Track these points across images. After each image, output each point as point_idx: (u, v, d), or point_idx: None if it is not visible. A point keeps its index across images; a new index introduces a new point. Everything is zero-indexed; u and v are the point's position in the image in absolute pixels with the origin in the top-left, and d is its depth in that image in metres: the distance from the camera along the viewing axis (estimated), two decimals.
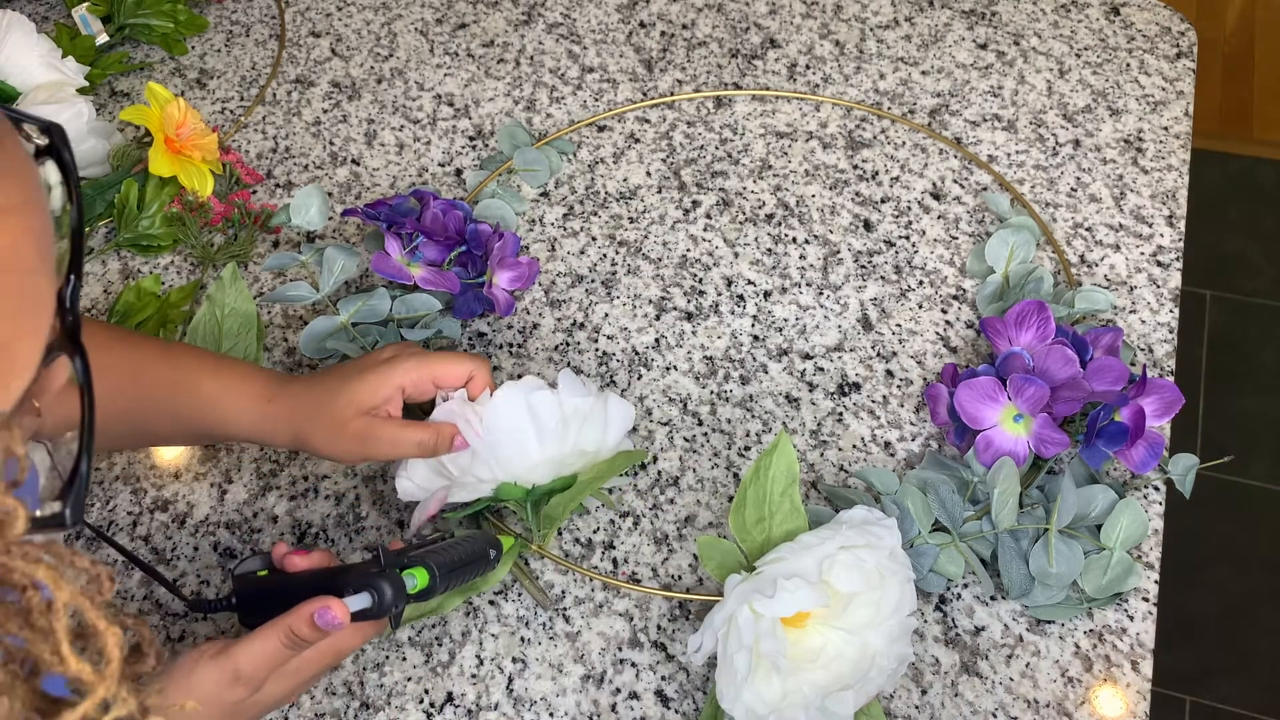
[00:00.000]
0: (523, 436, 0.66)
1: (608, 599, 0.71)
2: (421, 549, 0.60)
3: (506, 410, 0.65)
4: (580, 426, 0.67)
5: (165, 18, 1.03)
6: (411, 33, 1.05)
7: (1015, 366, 0.72)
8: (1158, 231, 0.90)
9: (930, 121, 0.97)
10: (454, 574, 0.60)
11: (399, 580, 0.56)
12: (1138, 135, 0.96)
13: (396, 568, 0.57)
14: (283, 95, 1.00)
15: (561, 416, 0.66)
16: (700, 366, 0.82)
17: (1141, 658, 0.69)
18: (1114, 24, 1.05)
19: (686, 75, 1.01)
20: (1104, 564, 0.69)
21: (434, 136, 0.97)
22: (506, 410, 0.65)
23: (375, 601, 0.55)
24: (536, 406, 0.65)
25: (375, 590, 0.55)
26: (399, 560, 0.58)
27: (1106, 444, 0.70)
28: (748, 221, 0.91)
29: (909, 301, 0.86)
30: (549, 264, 0.88)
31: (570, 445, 0.67)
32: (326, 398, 0.65)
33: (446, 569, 0.59)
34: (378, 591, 0.55)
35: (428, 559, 0.58)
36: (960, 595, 0.71)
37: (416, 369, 0.65)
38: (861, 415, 0.80)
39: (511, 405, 0.65)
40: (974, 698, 0.68)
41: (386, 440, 0.64)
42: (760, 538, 0.64)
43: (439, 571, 0.58)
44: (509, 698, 0.68)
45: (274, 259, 0.80)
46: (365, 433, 0.64)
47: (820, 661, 0.61)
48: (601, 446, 0.69)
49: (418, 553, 0.59)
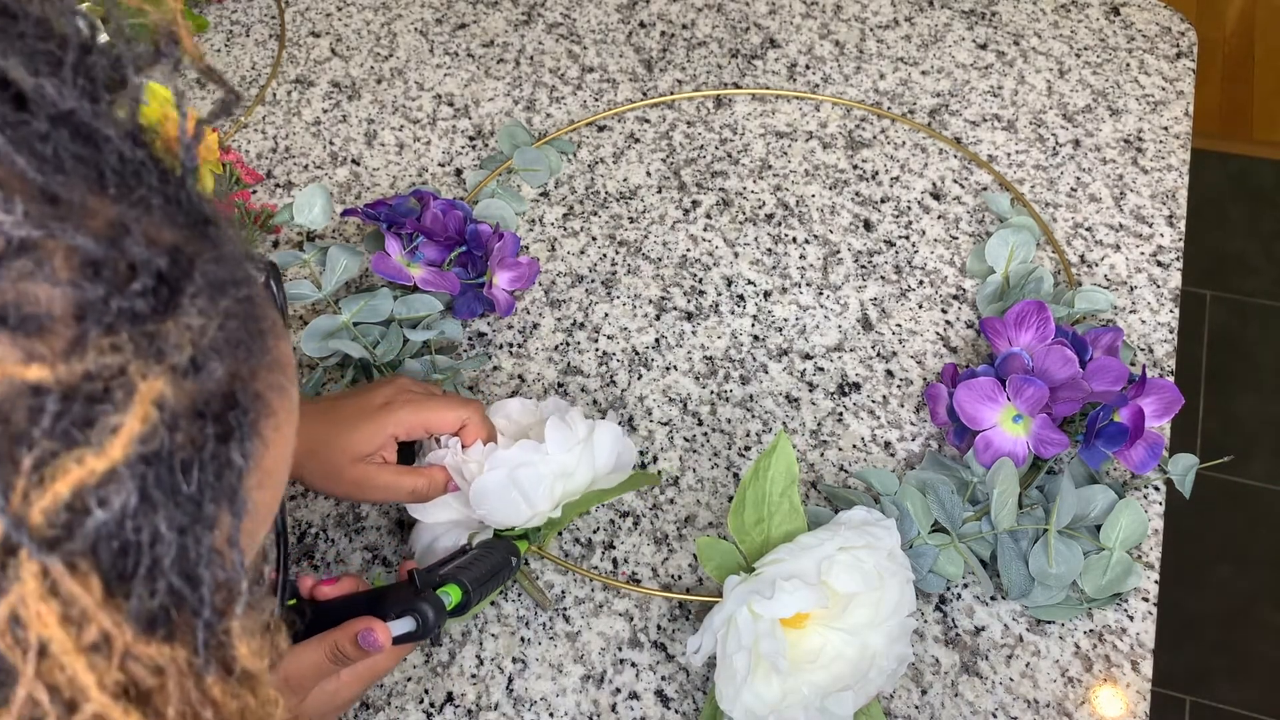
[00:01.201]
0: (513, 504, 0.66)
1: (608, 599, 0.71)
2: (448, 564, 0.61)
3: (493, 484, 0.65)
4: (570, 478, 0.67)
5: None
6: (411, 33, 1.05)
7: (1015, 367, 0.72)
8: (1158, 231, 0.90)
9: (930, 121, 0.97)
10: (484, 586, 0.61)
11: (439, 601, 0.57)
12: (1138, 135, 0.96)
13: (431, 587, 0.58)
14: (283, 95, 1.00)
15: (550, 477, 0.66)
16: (700, 366, 0.82)
17: (1141, 658, 0.69)
18: (1114, 24, 1.05)
19: (686, 75, 1.01)
20: (1103, 564, 0.69)
21: (434, 136, 0.97)
22: (493, 484, 0.65)
23: (420, 624, 0.57)
24: (522, 481, 0.65)
25: (418, 614, 0.57)
26: (432, 580, 0.59)
27: (1106, 444, 0.70)
28: (748, 221, 0.91)
29: (909, 301, 0.86)
30: (549, 264, 0.88)
31: (561, 494, 0.67)
32: (322, 444, 0.65)
33: (478, 583, 0.60)
34: (420, 615, 0.56)
35: (459, 575, 0.60)
36: (960, 595, 0.71)
37: (410, 417, 0.66)
38: (861, 415, 0.80)
39: (497, 482, 0.65)
40: (974, 698, 0.68)
41: (381, 487, 0.66)
42: (759, 539, 0.64)
43: (472, 586, 0.59)
44: (509, 698, 0.68)
45: (277, 258, 0.80)
46: (361, 480, 0.66)
47: (819, 662, 0.61)
48: (597, 474, 0.69)
49: (448, 570, 0.60)
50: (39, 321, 0.25)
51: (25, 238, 0.25)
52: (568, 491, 0.67)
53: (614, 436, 0.69)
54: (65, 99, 0.27)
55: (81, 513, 0.25)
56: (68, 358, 0.25)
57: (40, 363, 0.25)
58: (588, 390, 0.81)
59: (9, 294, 0.25)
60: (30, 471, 0.24)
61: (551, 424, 0.67)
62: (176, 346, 0.27)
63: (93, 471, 0.25)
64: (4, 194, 0.25)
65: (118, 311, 0.26)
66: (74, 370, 0.25)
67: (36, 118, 0.27)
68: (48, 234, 0.25)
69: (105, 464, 0.25)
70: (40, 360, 0.25)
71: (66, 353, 0.25)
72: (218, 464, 0.28)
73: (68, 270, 0.26)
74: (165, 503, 0.26)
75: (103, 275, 0.26)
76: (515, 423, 0.71)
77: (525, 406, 0.72)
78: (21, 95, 0.27)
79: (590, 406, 0.80)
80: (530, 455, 0.65)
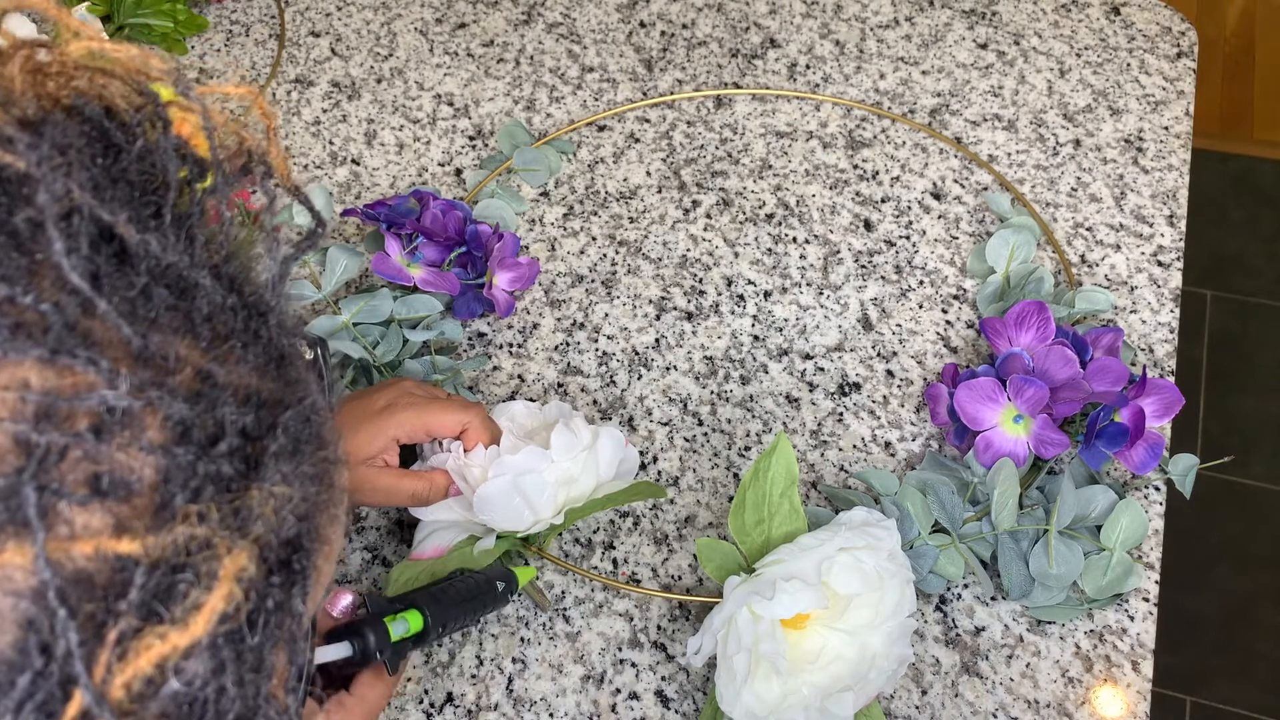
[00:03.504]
0: (516, 509, 0.66)
1: (608, 599, 0.71)
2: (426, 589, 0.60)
3: (497, 491, 0.65)
4: (573, 485, 0.67)
5: (165, 17, 1.03)
6: (411, 32, 1.05)
7: (1015, 367, 0.72)
8: (1158, 231, 0.89)
9: (931, 121, 0.97)
10: (453, 612, 0.60)
11: (382, 627, 0.56)
12: (1138, 135, 0.96)
13: (391, 612, 0.57)
14: (282, 95, 1.00)
15: (554, 484, 0.66)
16: (700, 366, 0.82)
17: (1142, 658, 0.69)
18: (1114, 24, 1.05)
19: (686, 75, 1.01)
20: (1104, 565, 0.69)
21: (434, 136, 0.97)
22: (497, 491, 0.65)
23: (355, 649, 0.55)
24: (526, 489, 0.65)
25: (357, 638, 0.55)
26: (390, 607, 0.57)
27: (1106, 445, 0.70)
28: (748, 221, 0.91)
29: (909, 301, 0.86)
30: (549, 264, 0.88)
31: (564, 500, 0.67)
32: None
33: (442, 609, 0.59)
34: (359, 638, 0.55)
35: (420, 601, 0.58)
36: (960, 595, 0.71)
37: (412, 420, 0.66)
38: (862, 415, 0.80)
39: (500, 488, 0.65)
40: (974, 698, 0.68)
41: (382, 491, 0.66)
42: (759, 539, 0.64)
43: (434, 613, 0.58)
44: (509, 698, 0.68)
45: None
46: (361, 483, 0.65)
47: (819, 663, 0.61)
48: (600, 480, 0.69)
49: (412, 594, 0.59)
50: (129, 488, 0.25)
51: (127, 408, 0.25)
52: (571, 498, 0.67)
53: (616, 442, 0.69)
54: (168, 253, 0.28)
55: (158, 684, 0.25)
56: (157, 529, 0.25)
57: (131, 535, 0.25)
58: (588, 390, 0.81)
59: (106, 464, 0.25)
60: (114, 644, 0.24)
61: (558, 431, 0.66)
62: (260, 518, 0.27)
63: (175, 648, 0.25)
64: (109, 363, 0.25)
65: (204, 476, 0.26)
66: (162, 543, 0.25)
67: (138, 273, 0.27)
68: (148, 404, 0.25)
69: (188, 640, 0.25)
70: (131, 532, 0.25)
71: (155, 523, 0.25)
72: (281, 614, 0.28)
73: (159, 436, 0.26)
74: (233, 662, 0.27)
75: (191, 438, 0.26)
76: (520, 425, 0.71)
77: (529, 410, 0.72)
78: (125, 248, 0.27)
79: (590, 407, 0.80)
80: (535, 462, 0.65)
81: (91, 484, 0.24)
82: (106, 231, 0.27)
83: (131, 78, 0.30)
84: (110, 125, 0.29)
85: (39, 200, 0.25)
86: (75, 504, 0.24)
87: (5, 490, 0.23)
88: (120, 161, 0.28)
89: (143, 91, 0.30)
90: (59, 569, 0.24)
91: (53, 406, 0.24)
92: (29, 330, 0.24)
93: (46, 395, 0.24)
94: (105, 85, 0.29)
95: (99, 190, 0.27)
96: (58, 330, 0.25)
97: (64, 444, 0.24)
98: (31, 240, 0.25)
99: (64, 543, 0.24)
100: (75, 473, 0.24)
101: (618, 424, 0.79)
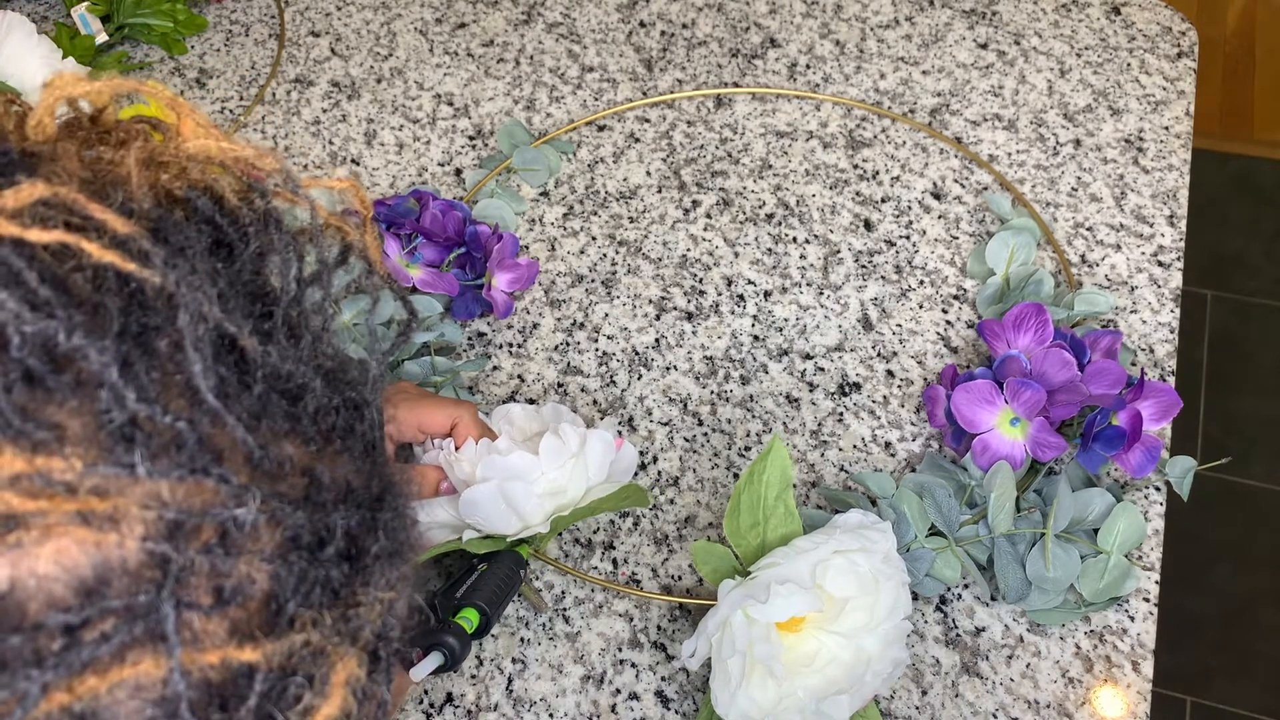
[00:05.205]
0: (503, 515, 0.65)
1: (607, 599, 0.71)
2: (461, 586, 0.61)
3: (483, 496, 0.64)
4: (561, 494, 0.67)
5: (164, 17, 1.03)
6: (411, 32, 1.05)
7: (1012, 370, 0.72)
8: (1158, 231, 0.89)
9: (931, 121, 0.97)
10: (498, 605, 0.62)
11: (461, 630, 0.58)
12: (1138, 135, 0.96)
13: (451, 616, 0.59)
14: (282, 95, 1.00)
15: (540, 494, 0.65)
16: (700, 366, 0.82)
17: (1142, 658, 0.69)
18: (1114, 24, 1.05)
19: (686, 75, 1.01)
20: (1101, 568, 0.69)
21: (434, 136, 0.97)
22: (483, 496, 0.64)
23: (447, 658, 0.57)
24: (513, 497, 0.65)
25: (445, 648, 0.57)
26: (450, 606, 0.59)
27: (1103, 448, 0.70)
28: (748, 221, 0.91)
29: (909, 301, 0.86)
30: (549, 264, 0.88)
31: (553, 509, 0.67)
32: None
33: (494, 602, 0.61)
34: (447, 649, 0.57)
35: (474, 598, 0.60)
36: (960, 596, 0.71)
37: (404, 416, 0.67)
38: (862, 415, 0.80)
39: (486, 493, 0.64)
40: (974, 698, 0.68)
41: None
42: (755, 542, 0.64)
43: (490, 607, 0.60)
44: (509, 698, 0.68)
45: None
46: None
47: (815, 666, 0.61)
48: (590, 484, 0.68)
49: (463, 593, 0.61)
50: (246, 595, 0.25)
51: (253, 522, 0.26)
52: (559, 506, 0.67)
53: (605, 444, 0.68)
54: (286, 362, 0.28)
55: None
56: (275, 636, 0.26)
57: (253, 643, 0.25)
58: (588, 390, 0.81)
59: (231, 575, 0.25)
60: None
61: (547, 439, 0.66)
62: (368, 623, 0.27)
63: None
64: (240, 481, 0.26)
65: (314, 581, 0.27)
66: (280, 649, 0.26)
67: (256, 381, 0.27)
68: (270, 517, 0.26)
69: None
70: (253, 640, 0.25)
71: (272, 630, 0.26)
72: (371, 704, 0.29)
73: (274, 544, 0.26)
74: None
75: (302, 542, 0.27)
76: (520, 428, 0.70)
77: (527, 412, 0.72)
78: (244, 356, 0.27)
79: (590, 407, 0.80)
80: (524, 469, 0.65)
81: (216, 594, 0.25)
82: (228, 340, 0.27)
83: (242, 172, 0.30)
84: (224, 222, 0.29)
85: (180, 321, 0.25)
86: (201, 615, 0.25)
87: (145, 606, 0.24)
88: (234, 263, 0.29)
89: (252, 187, 0.29)
90: (189, 679, 0.24)
91: (186, 522, 0.25)
92: (166, 448, 0.25)
93: (181, 512, 0.25)
94: (216, 178, 0.29)
95: (223, 299, 0.27)
96: (191, 447, 0.25)
97: (196, 559, 0.25)
98: (170, 360, 0.26)
99: (194, 653, 0.25)
100: (203, 584, 0.25)
101: (618, 424, 0.79)
